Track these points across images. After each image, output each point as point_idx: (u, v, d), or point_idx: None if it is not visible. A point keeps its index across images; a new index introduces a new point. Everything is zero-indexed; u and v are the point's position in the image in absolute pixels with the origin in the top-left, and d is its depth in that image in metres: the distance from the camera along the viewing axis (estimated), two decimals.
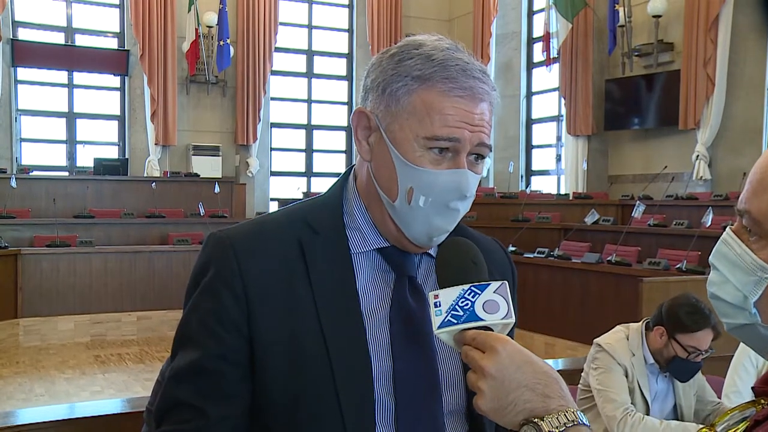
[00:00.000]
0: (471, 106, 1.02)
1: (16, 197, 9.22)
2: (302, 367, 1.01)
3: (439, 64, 1.01)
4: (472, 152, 1.04)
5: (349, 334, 1.02)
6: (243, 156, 11.81)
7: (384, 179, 1.05)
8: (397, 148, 1.03)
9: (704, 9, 8.76)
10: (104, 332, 8.34)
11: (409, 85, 1.02)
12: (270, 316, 1.02)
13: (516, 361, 0.86)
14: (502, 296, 0.92)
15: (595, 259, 7.09)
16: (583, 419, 0.83)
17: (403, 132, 1.02)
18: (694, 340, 2.66)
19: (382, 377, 1.03)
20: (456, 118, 1.01)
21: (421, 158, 1.01)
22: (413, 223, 1.04)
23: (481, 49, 11.95)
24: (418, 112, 1.01)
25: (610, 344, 2.80)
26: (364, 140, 1.08)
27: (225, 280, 1.02)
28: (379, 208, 1.07)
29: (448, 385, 1.06)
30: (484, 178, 12.19)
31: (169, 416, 1.03)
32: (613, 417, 2.68)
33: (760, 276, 0.81)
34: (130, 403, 2.84)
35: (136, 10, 10.84)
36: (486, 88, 1.04)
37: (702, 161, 8.99)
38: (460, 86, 1.01)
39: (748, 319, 0.83)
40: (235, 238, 1.06)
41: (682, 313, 2.65)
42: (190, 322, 1.05)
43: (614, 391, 2.72)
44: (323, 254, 1.06)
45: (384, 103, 1.04)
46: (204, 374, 1.02)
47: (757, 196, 0.82)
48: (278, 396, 1.02)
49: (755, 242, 0.83)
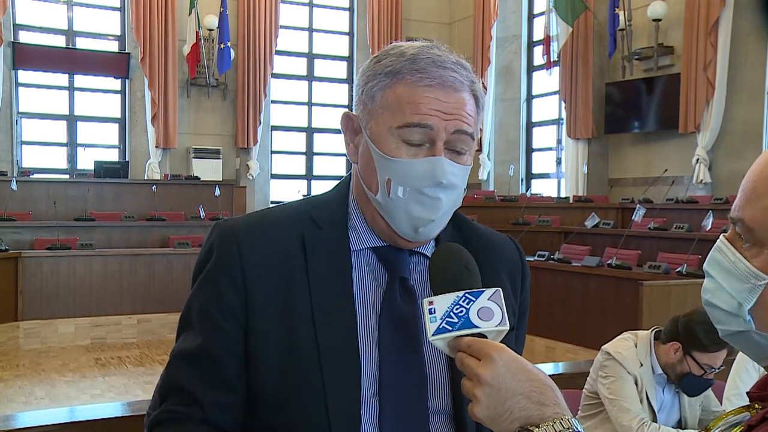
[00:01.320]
0: (442, 94, 1.03)
1: (17, 200, 9.21)
2: (292, 360, 1.03)
3: (410, 58, 1.04)
4: (452, 143, 1.04)
5: (340, 330, 1.04)
6: (243, 159, 11.82)
7: (367, 176, 1.08)
8: (375, 144, 1.05)
9: (704, 12, 8.77)
10: (104, 335, 8.34)
11: (383, 81, 1.05)
12: (266, 307, 1.04)
13: (511, 369, 0.87)
14: (496, 303, 0.93)
15: (596, 262, 7.09)
16: (577, 426, 0.84)
17: (379, 127, 1.05)
18: (711, 358, 2.63)
19: (369, 377, 1.04)
20: (427, 106, 1.02)
21: (397, 150, 1.03)
22: (395, 215, 1.05)
23: (482, 53, 11.97)
24: (390, 105, 1.04)
25: (620, 353, 2.76)
26: (351, 142, 1.12)
27: (225, 267, 1.05)
28: (369, 206, 1.09)
29: (434, 387, 1.07)
30: (485, 181, 12.19)
31: (169, 398, 1.06)
32: (629, 427, 2.66)
33: (754, 283, 0.81)
34: (131, 407, 2.83)
35: (137, 13, 10.85)
36: (458, 77, 1.04)
37: (702, 165, 8.99)
38: (429, 76, 1.02)
39: (742, 326, 0.83)
40: (238, 227, 1.09)
41: (700, 331, 2.59)
42: (192, 308, 1.08)
43: (628, 401, 2.70)
44: (324, 250, 1.08)
45: (363, 104, 1.08)
46: (204, 361, 1.04)
47: (750, 204, 0.82)
48: (269, 386, 1.04)
49: (749, 250, 0.83)
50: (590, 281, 7.07)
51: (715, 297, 0.86)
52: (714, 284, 0.86)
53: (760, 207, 0.81)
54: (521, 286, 1.20)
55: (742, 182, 0.85)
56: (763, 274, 0.81)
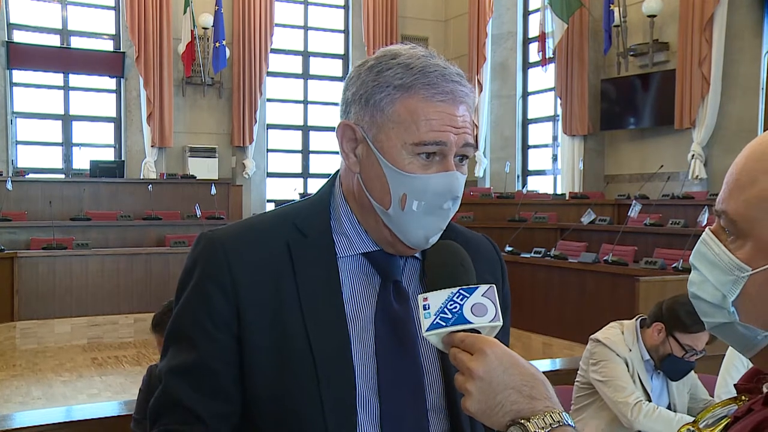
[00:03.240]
0: (453, 108, 1.04)
1: (12, 200, 9.21)
2: (287, 366, 1.03)
3: (420, 72, 1.04)
4: (457, 154, 1.06)
5: (333, 335, 1.05)
6: (239, 157, 11.82)
7: (376, 189, 1.07)
8: (386, 158, 1.05)
9: (699, 9, 8.78)
10: (101, 335, 8.33)
11: (392, 95, 1.04)
12: (257, 315, 1.04)
13: (503, 363, 0.88)
14: (490, 299, 0.94)
15: (592, 258, 7.10)
16: (568, 420, 0.85)
17: (390, 141, 1.04)
18: (692, 339, 2.69)
19: (368, 379, 1.05)
20: (440, 122, 1.03)
21: (410, 165, 1.04)
22: (409, 228, 1.06)
23: (477, 50, 11.98)
24: (403, 120, 1.03)
25: (608, 338, 2.82)
26: (351, 152, 1.09)
27: (215, 277, 1.05)
28: (373, 216, 1.09)
29: (430, 384, 1.08)
30: (481, 178, 12.21)
31: (166, 415, 1.05)
32: (625, 403, 2.68)
33: (738, 275, 0.82)
34: (127, 406, 2.84)
35: (132, 12, 10.83)
36: (465, 90, 1.06)
37: (698, 160, 9.02)
38: (441, 91, 1.03)
39: (726, 317, 0.84)
40: (224, 237, 1.09)
41: (683, 312, 2.67)
42: (183, 320, 1.07)
43: (622, 380, 2.73)
44: (310, 257, 1.08)
45: (368, 114, 1.06)
46: (201, 373, 1.04)
47: (733, 196, 0.83)
48: (264, 394, 1.04)
49: (732, 242, 0.84)
50: (587, 277, 7.09)
51: (701, 289, 0.86)
52: (700, 277, 0.87)
53: (742, 199, 0.82)
54: (501, 282, 1.21)
55: (726, 175, 0.86)
56: (746, 266, 0.82)
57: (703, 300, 0.86)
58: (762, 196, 0.80)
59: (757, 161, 0.82)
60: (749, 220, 0.81)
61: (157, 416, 1.06)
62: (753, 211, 0.81)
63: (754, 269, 0.81)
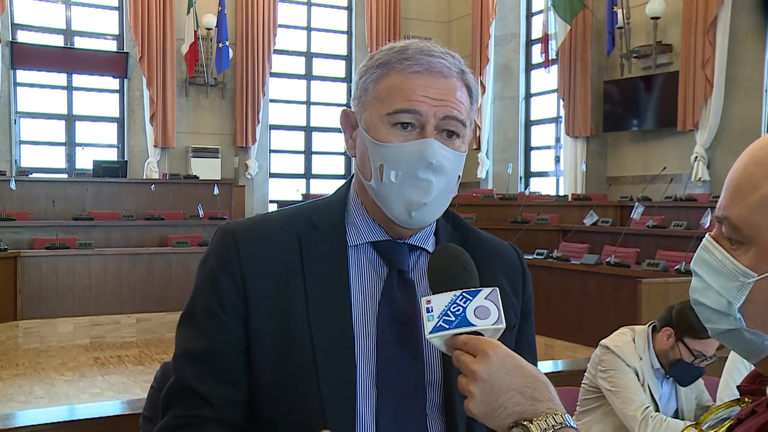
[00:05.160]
0: (430, 80, 1.06)
1: (16, 199, 9.22)
2: (288, 356, 1.05)
3: (399, 50, 1.08)
4: (442, 128, 1.06)
5: (335, 323, 1.06)
6: (242, 158, 11.83)
7: (362, 165, 1.11)
8: (368, 132, 1.08)
9: (702, 11, 8.77)
10: (103, 334, 8.34)
11: (375, 74, 1.08)
12: (263, 305, 1.07)
13: (506, 365, 0.88)
14: (493, 302, 0.94)
15: (594, 260, 7.10)
16: (570, 422, 0.85)
17: (371, 117, 1.08)
18: (702, 345, 2.65)
19: (367, 368, 1.06)
20: (415, 92, 1.05)
21: (387, 135, 1.06)
22: (389, 200, 1.07)
23: (480, 51, 11.98)
24: (381, 95, 1.07)
25: (619, 347, 2.77)
26: (349, 137, 1.15)
27: (225, 265, 1.09)
28: (368, 196, 1.11)
29: (430, 380, 1.09)
30: (483, 180, 12.20)
31: (176, 403, 1.08)
32: (634, 417, 2.66)
33: (743, 281, 0.81)
34: (130, 405, 2.84)
35: (135, 12, 10.85)
36: (446, 63, 1.07)
37: (700, 162, 9.00)
38: (417, 63, 1.06)
39: (732, 324, 0.83)
40: (238, 230, 1.13)
41: (693, 317, 2.59)
42: (196, 306, 1.10)
43: (631, 391, 2.70)
44: (320, 248, 1.10)
45: (358, 98, 1.11)
46: (211, 359, 1.07)
47: (735, 202, 0.82)
48: (265, 382, 1.06)
49: (736, 248, 0.83)
50: (589, 279, 7.08)
51: (704, 296, 0.85)
52: (702, 283, 0.86)
53: (745, 204, 0.81)
54: (523, 287, 1.21)
55: (726, 180, 0.85)
56: (752, 272, 0.80)
57: (706, 307, 0.85)
58: (765, 201, 0.79)
59: (758, 165, 0.81)
60: (753, 226, 0.80)
61: (168, 403, 1.09)
62: (756, 217, 0.80)
63: (759, 275, 0.80)
